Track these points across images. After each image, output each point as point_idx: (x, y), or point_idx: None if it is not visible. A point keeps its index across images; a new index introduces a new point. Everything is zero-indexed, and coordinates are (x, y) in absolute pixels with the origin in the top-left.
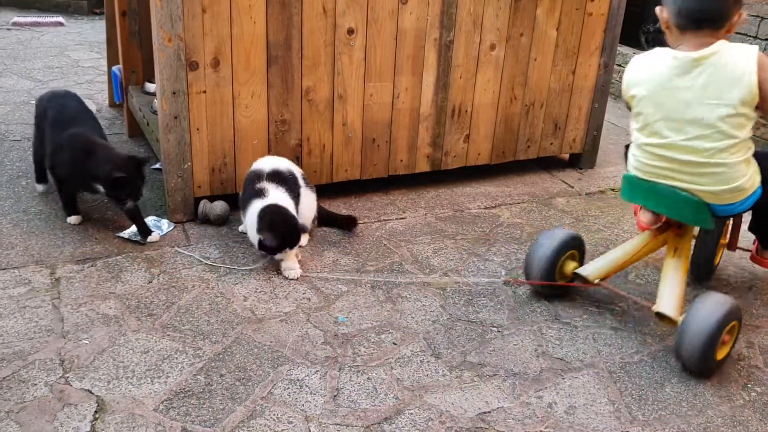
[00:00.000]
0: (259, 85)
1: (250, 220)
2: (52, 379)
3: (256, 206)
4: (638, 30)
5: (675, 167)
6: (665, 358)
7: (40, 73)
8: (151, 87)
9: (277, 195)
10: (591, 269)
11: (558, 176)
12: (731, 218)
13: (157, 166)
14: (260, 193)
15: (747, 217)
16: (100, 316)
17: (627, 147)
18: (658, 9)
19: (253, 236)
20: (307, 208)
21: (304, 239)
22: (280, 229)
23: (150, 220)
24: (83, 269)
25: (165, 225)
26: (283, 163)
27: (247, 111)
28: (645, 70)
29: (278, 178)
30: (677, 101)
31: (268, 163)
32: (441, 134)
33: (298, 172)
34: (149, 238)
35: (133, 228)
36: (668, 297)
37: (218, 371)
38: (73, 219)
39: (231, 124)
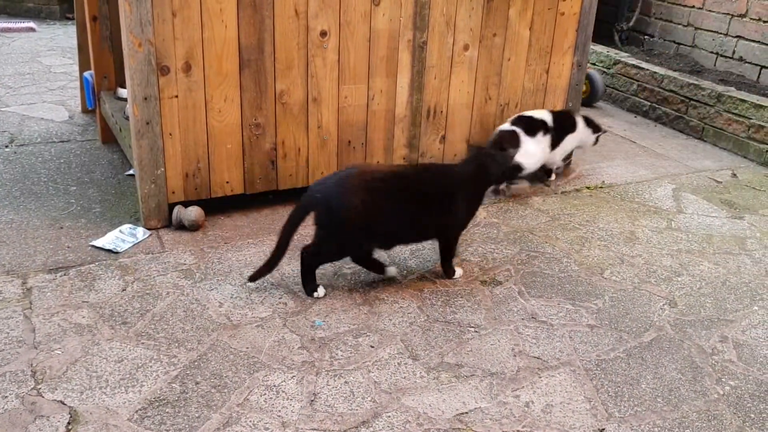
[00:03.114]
0: (232, 89)
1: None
2: (24, 390)
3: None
4: (612, 28)
5: None
6: (641, 355)
7: (11, 80)
8: (123, 92)
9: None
10: None
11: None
12: None
13: (131, 172)
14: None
15: None
16: (72, 325)
17: None
18: None
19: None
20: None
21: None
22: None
23: (125, 228)
24: (56, 278)
25: (140, 233)
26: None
27: (220, 115)
28: None
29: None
30: None
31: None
32: (417, 135)
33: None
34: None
35: (108, 236)
36: None
37: (193, 379)
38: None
39: (204, 129)
